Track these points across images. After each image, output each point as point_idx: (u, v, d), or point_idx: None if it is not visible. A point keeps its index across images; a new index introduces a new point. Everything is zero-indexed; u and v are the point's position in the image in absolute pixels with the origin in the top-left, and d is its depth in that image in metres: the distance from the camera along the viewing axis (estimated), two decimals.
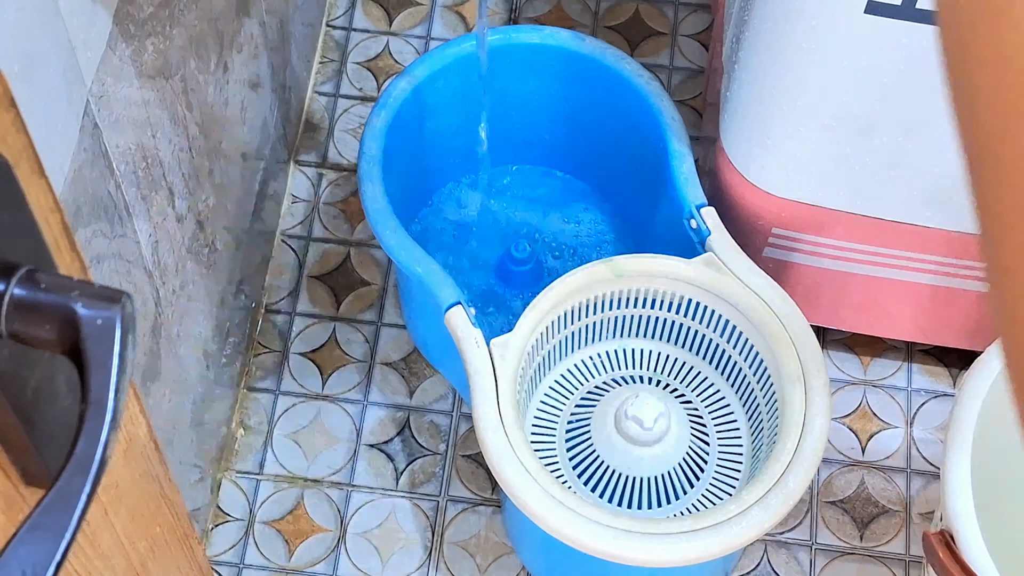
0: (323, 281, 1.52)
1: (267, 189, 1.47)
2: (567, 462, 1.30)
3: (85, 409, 0.50)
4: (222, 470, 1.42)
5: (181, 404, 1.23)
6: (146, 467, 0.72)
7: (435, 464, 1.43)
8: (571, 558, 1.17)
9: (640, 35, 1.67)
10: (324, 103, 1.62)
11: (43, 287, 0.50)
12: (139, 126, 1.03)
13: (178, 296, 1.18)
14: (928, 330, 1.41)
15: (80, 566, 0.65)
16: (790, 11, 1.09)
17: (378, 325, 1.50)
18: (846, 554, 1.40)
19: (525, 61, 1.38)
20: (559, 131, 1.46)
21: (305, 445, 1.44)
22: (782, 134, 1.19)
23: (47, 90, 0.84)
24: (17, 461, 0.55)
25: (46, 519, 0.48)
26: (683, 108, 1.62)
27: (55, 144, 0.86)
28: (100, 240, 0.96)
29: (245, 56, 1.30)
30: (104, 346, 0.50)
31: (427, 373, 1.48)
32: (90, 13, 0.90)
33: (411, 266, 1.24)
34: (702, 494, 1.28)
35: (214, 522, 1.40)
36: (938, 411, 1.47)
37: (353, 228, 1.55)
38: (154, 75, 1.04)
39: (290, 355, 1.48)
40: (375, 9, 1.69)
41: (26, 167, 0.52)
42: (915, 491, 1.43)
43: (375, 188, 1.29)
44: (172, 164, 1.12)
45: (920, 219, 1.25)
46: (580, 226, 1.49)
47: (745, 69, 1.19)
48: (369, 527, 1.40)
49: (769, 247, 1.32)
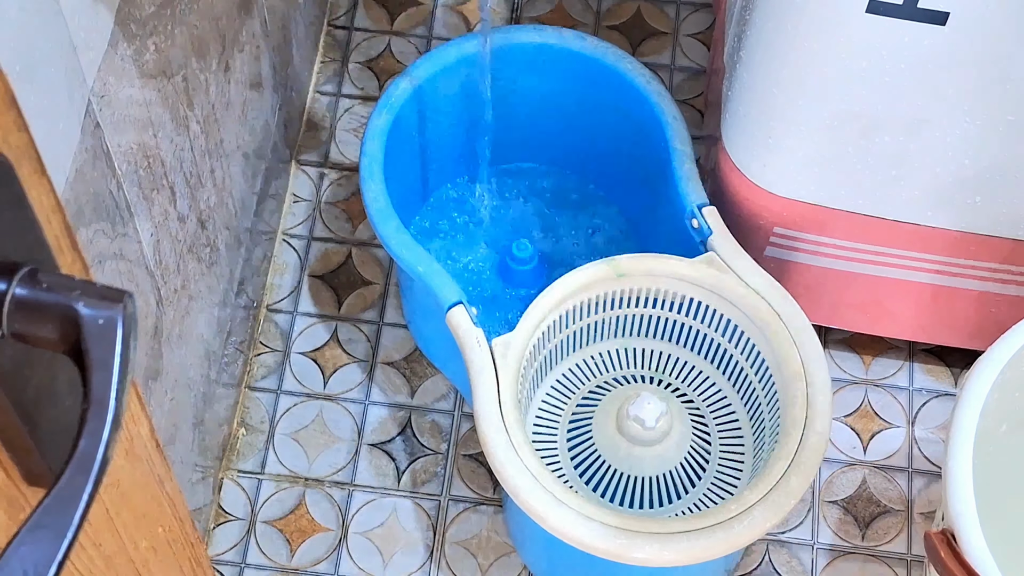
0: (325, 280, 1.52)
1: (269, 188, 1.47)
2: (569, 462, 1.30)
3: (87, 409, 0.50)
4: (224, 469, 1.42)
5: (183, 403, 1.23)
6: (148, 467, 0.72)
7: (437, 463, 1.43)
8: (573, 558, 1.17)
9: (641, 34, 1.67)
10: (326, 103, 1.62)
11: (45, 287, 0.50)
12: (141, 126, 1.03)
13: (179, 295, 1.18)
14: (930, 329, 1.41)
15: (82, 566, 0.65)
16: (792, 10, 1.09)
17: (379, 324, 1.50)
18: (848, 554, 1.40)
19: (526, 61, 1.38)
20: (560, 131, 1.46)
21: (306, 444, 1.44)
22: (784, 133, 1.19)
23: (49, 90, 0.84)
24: (19, 461, 0.55)
25: (48, 519, 0.48)
26: (684, 107, 1.62)
27: (57, 144, 0.86)
28: (102, 240, 0.96)
29: (247, 56, 1.30)
30: (106, 346, 0.50)
31: (429, 372, 1.48)
32: (91, 12, 0.90)
33: (413, 265, 1.24)
34: (704, 494, 1.28)
35: (216, 521, 1.40)
36: (940, 410, 1.47)
37: (354, 227, 1.55)
38: (156, 74, 1.05)
39: (291, 354, 1.48)
40: (377, 9, 1.69)
41: (28, 167, 0.52)
42: (917, 490, 1.43)
43: (376, 187, 1.29)
44: (174, 164, 1.12)
45: (922, 218, 1.25)
46: (582, 225, 1.49)
47: (747, 68, 1.19)
48: (371, 526, 1.40)
49: (771, 246, 1.32)
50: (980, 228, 1.24)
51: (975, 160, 1.16)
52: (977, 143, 1.15)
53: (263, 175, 1.43)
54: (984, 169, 1.17)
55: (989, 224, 1.24)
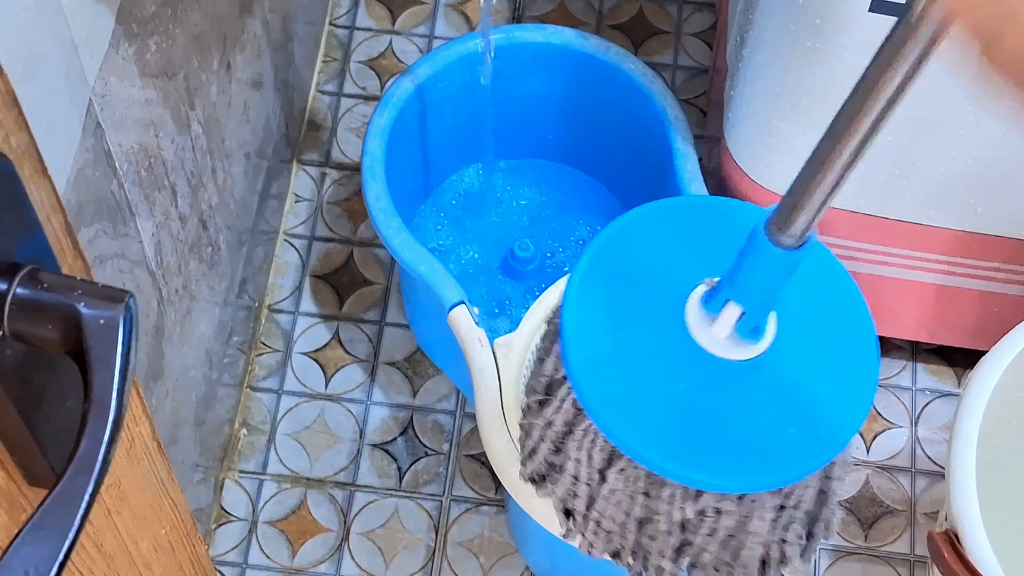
0: (326, 280, 1.52)
1: (270, 188, 1.47)
2: None
3: (88, 409, 0.49)
4: (225, 470, 1.42)
5: (184, 404, 1.23)
6: (149, 467, 0.71)
7: (438, 464, 1.43)
8: (574, 558, 1.17)
9: (644, 34, 1.67)
10: (327, 102, 1.62)
11: (46, 287, 0.49)
12: (142, 125, 1.02)
13: (181, 296, 1.18)
14: (933, 330, 1.40)
15: (83, 566, 0.65)
16: (795, 9, 1.09)
17: (381, 324, 1.50)
18: (851, 554, 1.40)
19: (528, 60, 1.38)
20: (562, 130, 1.46)
21: (308, 445, 1.44)
22: (786, 132, 1.19)
23: (50, 89, 0.84)
24: (20, 461, 0.55)
25: (49, 519, 0.48)
26: (687, 107, 1.61)
27: (58, 143, 0.86)
28: (103, 240, 0.96)
29: (248, 55, 1.30)
30: (107, 346, 0.49)
31: (430, 373, 1.47)
32: (93, 12, 0.90)
33: (414, 265, 1.24)
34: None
35: (217, 522, 1.40)
36: (943, 411, 1.46)
37: (356, 227, 1.55)
38: (157, 74, 1.04)
39: (293, 354, 1.48)
40: (378, 8, 1.68)
41: (29, 167, 0.52)
42: (920, 491, 1.42)
43: (378, 187, 1.29)
44: (175, 163, 1.12)
45: (925, 218, 1.25)
46: (583, 225, 1.48)
47: (749, 67, 1.19)
48: (372, 527, 1.40)
49: None
50: (983, 228, 1.24)
51: (978, 159, 1.16)
52: (980, 142, 1.14)
53: (264, 175, 1.43)
54: (987, 168, 1.17)
55: (992, 223, 1.24)
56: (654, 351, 0.80)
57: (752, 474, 0.81)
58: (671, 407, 0.79)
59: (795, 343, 0.80)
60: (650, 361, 0.80)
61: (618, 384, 0.80)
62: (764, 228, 0.71)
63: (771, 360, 0.79)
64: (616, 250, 0.84)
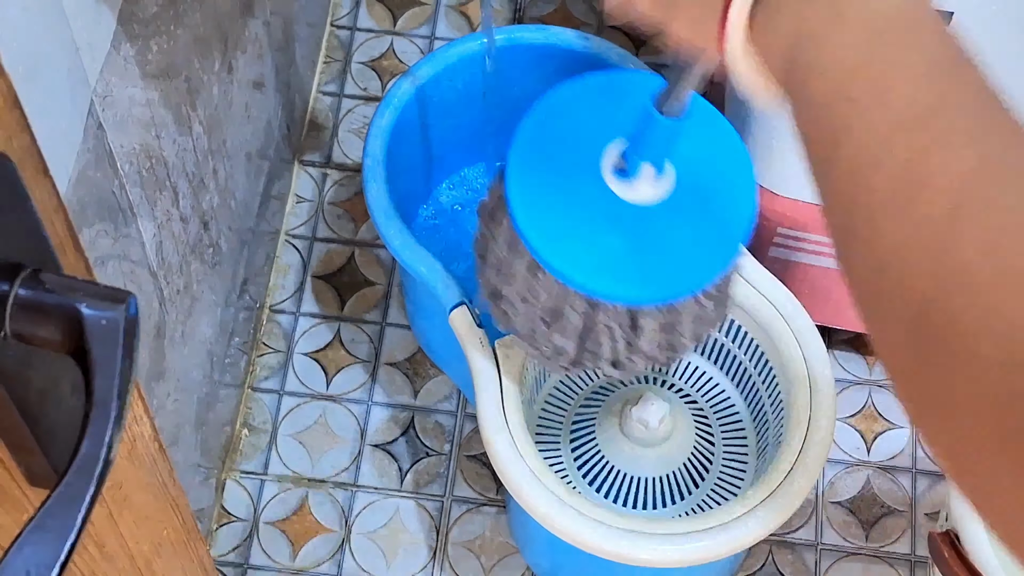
0: (327, 281, 1.52)
1: (271, 189, 1.47)
2: (572, 462, 1.30)
3: (89, 410, 0.49)
4: (226, 470, 1.42)
5: (185, 404, 1.23)
6: (150, 467, 0.71)
7: (440, 464, 1.43)
8: (576, 558, 1.17)
9: (644, 34, 1.67)
10: (328, 103, 1.62)
11: (47, 287, 0.49)
12: (143, 126, 1.03)
13: (182, 296, 1.18)
14: None
15: (84, 567, 0.65)
16: None
17: (382, 325, 1.50)
18: (852, 554, 1.40)
19: (529, 61, 1.38)
20: None
21: (309, 445, 1.44)
22: (787, 133, 1.19)
23: (51, 90, 0.84)
24: (22, 462, 0.55)
25: (50, 520, 0.48)
26: None
27: (59, 144, 0.86)
28: (104, 240, 0.96)
29: (249, 56, 1.30)
30: (108, 347, 0.49)
31: (431, 373, 1.47)
32: (94, 13, 0.90)
33: (415, 266, 1.24)
34: (707, 494, 1.28)
35: (218, 522, 1.40)
36: None
37: (357, 228, 1.55)
38: (158, 75, 1.04)
39: (294, 355, 1.48)
40: (379, 9, 1.68)
41: (30, 167, 0.52)
42: (921, 491, 1.42)
43: (379, 188, 1.29)
44: (176, 164, 1.12)
45: None
46: None
47: None
48: (374, 527, 1.40)
49: (775, 247, 1.32)
50: None
51: None
52: None
53: (266, 176, 1.43)
54: None
55: None
56: (577, 195, 0.97)
57: (655, 286, 0.98)
58: (588, 235, 0.97)
59: (688, 187, 0.97)
60: (574, 203, 0.97)
61: (548, 216, 0.98)
62: (653, 104, 0.87)
63: (670, 203, 0.97)
64: (551, 111, 1.04)
